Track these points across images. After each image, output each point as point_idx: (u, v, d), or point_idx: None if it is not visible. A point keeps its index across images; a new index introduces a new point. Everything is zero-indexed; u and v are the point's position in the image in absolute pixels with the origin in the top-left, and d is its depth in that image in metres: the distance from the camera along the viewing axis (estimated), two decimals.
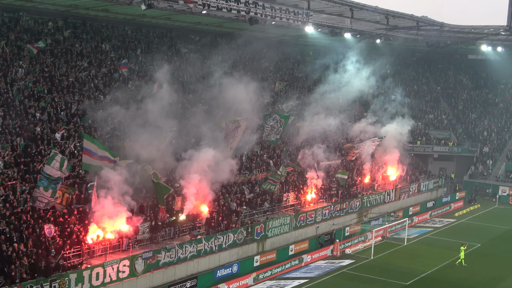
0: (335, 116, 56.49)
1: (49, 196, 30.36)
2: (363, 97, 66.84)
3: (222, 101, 45.02)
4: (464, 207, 62.30)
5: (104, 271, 30.57)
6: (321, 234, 45.59)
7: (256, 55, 61.18)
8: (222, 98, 44.92)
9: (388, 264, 41.71)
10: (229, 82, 45.36)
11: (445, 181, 67.01)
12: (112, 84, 46.09)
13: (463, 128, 76.54)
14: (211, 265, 36.92)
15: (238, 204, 42.08)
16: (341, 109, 59.45)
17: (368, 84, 64.64)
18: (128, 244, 33.33)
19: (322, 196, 49.42)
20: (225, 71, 49.27)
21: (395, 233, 49.80)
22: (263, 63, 62.11)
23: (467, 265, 41.21)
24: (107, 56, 49.39)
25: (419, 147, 71.48)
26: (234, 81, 45.28)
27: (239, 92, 43.89)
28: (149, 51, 52.86)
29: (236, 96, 43.71)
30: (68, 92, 42.77)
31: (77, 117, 40.88)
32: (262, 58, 62.35)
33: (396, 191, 57.24)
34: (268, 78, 60.50)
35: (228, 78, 46.33)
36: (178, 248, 34.78)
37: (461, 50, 79.17)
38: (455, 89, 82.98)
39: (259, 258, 39.25)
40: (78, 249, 30.98)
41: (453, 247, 45.86)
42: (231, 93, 44.03)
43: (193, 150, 39.53)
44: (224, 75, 47.92)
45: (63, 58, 45.75)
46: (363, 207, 52.39)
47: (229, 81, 45.40)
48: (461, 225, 55.03)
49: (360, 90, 62.06)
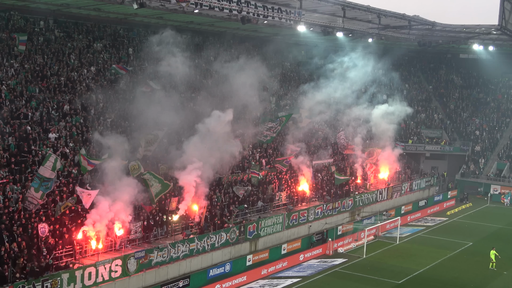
0: (328, 114, 56.61)
1: (39, 198, 30.52)
2: (354, 96, 66.80)
3: (219, 98, 45.20)
4: (456, 205, 62.50)
5: (97, 270, 30.51)
6: (313, 233, 45.63)
7: (249, 54, 61.23)
8: (220, 92, 45.03)
9: (381, 263, 41.80)
10: (225, 78, 45.51)
11: (437, 180, 67.25)
12: (104, 83, 46.03)
13: (454, 127, 76.83)
14: (204, 264, 36.91)
15: (230, 203, 42.10)
16: (333, 108, 59.52)
17: (360, 84, 64.61)
18: (120, 244, 33.29)
19: (315, 195, 49.52)
20: (219, 70, 49.30)
21: (387, 231, 49.94)
22: (255, 63, 62.14)
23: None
24: (98, 56, 49.30)
25: (411, 146, 71.67)
26: (231, 77, 45.49)
27: (240, 87, 44.17)
28: (140, 50, 52.77)
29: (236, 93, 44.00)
30: (60, 91, 42.69)
31: (69, 117, 40.81)
32: (255, 56, 62.38)
33: (388, 190, 57.38)
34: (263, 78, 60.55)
35: (224, 75, 46.50)
36: (170, 247, 34.76)
37: (452, 49, 79.58)
38: (447, 88, 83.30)
39: (252, 257, 39.28)
40: (70, 248, 30.93)
41: (445, 246, 46.06)
42: (228, 87, 44.26)
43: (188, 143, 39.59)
44: (218, 74, 47.98)
45: (55, 57, 45.65)
46: (356, 206, 52.50)
47: (226, 77, 45.58)
48: (453, 223, 55.23)
49: (351, 90, 62.08)
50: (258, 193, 45.29)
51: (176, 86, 47.38)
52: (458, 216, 58.32)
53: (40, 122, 38.86)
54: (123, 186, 33.83)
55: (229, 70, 47.98)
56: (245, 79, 45.55)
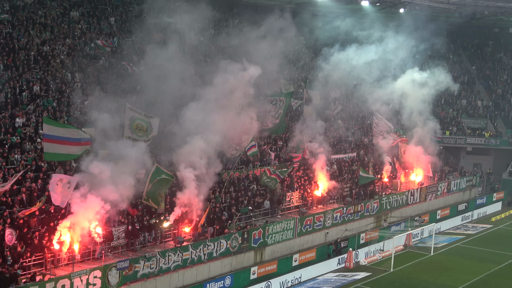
0: (345, 99, 56.62)
1: None
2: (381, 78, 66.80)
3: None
4: (503, 210, 62.52)
5: (71, 283, 30.53)
6: (331, 242, 45.73)
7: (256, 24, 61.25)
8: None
9: (411, 278, 41.87)
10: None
11: (480, 179, 67.16)
12: (81, 60, 46.13)
13: (502, 116, 76.70)
14: (199, 277, 37.00)
15: (232, 204, 42.17)
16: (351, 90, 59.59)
17: (387, 63, 64.42)
18: (100, 252, 33.42)
19: (333, 196, 49.60)
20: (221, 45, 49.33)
21: (420, 241, 50.00)
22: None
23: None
24: (75, 26, 49.38)
25: (449, 138, 71.63)
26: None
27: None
28: (125, 20, 52.81)
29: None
30: (29, 69, 42.79)
31: (39, 99, 40.91)
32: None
33: (421, 191, 57.41)
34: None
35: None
36: (160, 256, 34.85)
37: (501, 23, 79.26)
38: (494, 69, 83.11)
39: (257, 270, 39.35)
40: (40, 257, 31.07)
41: (489, 259, 46.07)
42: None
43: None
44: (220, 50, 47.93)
45: (23, 28, 45.74)
46: (382, 209, 52.58)
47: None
48: (499, 232, 55.27)
49: (377, 69, 61.94)
50: (266, 192, 45.30)
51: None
52: (505, 223, 58.35)
53: (4, 105, 38.97)
54: (104, 181, 33.88)
55: (234, 41, 47.92)
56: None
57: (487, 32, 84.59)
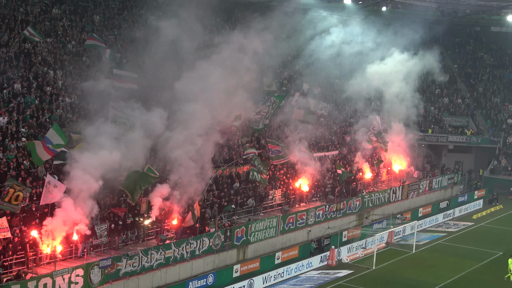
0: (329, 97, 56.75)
1: None
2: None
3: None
4: (484, 208, 62.88)
5: (53, 282, 30.45)
6: (313, 239, 45.83)
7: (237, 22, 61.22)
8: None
9: (394, 275, 42.02)
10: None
11: (461, 177, 67.50)
12: (64, 57, 45.94)
13: (483, 114, 77.12)
14: (182, 275, 36.97)
15: (214, 202, 42.13)
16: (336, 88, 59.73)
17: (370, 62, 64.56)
18: (82, 250, 33.31)
19: (316, 194, 49.70)
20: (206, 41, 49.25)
21: (402, 238, 50.22)
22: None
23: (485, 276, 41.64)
24: (57, 23, 49.16)
25: (431, 136, 71.95)
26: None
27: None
28: (108, 18, 52.64)
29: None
30: (10, 66, 42.53)
31: (21, 97, 40.68)
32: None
33: (403, 189, 57.67)
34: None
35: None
36: (142, 255, 34.78)
37: (482, 21, 79.67)
38: (475, 67, 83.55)
39: (240, 268, 39.39)
40: (22, 255, 30.92)
41: (471, 256, 46.34)
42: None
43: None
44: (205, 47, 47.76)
45: (4, 25, 45.47)
46: (364, 207, 52.76)
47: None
48: (480, 229, 55.57)
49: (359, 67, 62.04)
50: (248, 190, 45.30)
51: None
52: (486, 220, 58.65)
53: None
54: (87, 180, 33.80)
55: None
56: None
57: (468, 31, 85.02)
